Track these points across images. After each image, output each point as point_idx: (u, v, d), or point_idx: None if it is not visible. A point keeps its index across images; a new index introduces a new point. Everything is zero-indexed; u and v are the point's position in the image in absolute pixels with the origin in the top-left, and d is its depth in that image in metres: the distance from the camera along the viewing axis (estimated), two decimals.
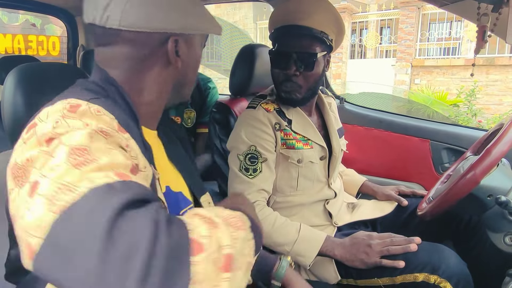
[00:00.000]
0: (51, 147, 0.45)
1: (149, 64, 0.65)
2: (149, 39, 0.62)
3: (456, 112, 6.46)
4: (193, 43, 0.69)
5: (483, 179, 0.95)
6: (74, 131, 0.46)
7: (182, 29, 0.64)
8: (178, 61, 0.66)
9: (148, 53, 0.64)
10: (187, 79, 0.73)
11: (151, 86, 0.66)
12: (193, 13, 0.66)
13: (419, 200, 1.26)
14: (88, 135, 0.46)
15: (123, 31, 0.61)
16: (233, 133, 1.21)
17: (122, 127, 0.53)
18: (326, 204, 1.25)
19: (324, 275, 1.12)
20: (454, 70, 8.36)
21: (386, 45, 9.76)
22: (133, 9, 0.59)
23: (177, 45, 0.65)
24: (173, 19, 0.62)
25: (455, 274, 0.96)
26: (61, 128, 0.47)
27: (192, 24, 0.65)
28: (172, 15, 0.62)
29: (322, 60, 1.16)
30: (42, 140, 0.46)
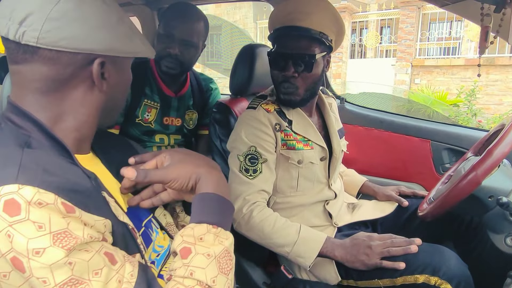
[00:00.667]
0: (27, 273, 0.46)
1: (71, 86, 0.59)
2: (72, 59, 0.57)
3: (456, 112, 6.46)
4: (122, 65, 0.65)
5: (484, 180, 0.95)
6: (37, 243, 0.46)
7: (110, 50, 0.59)
8: (103, 84, 0.62)
9: (70, 74, 0.58)
10: (117, 103, 0.69)
11: (75, 110, 0.61)
12: (122, 34, 0.61)
13: (419, 201, 1.26)
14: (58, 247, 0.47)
15: (42, 49, 0.55)
16: (233, 134, 1.21)
17: (66, 200, 0.49)
18: (326, 204, 1.25)
19: (324, 276, 1.11)
20: (454, 70, 8.37)
21: (386, 44, 9.76)
22: (54, 27, 0.54)
23: (103, 67, 0.60)
24: (100, 40, 0.58)
25: (456, 275, 0.95)
26: (19, 244, 0.45)
27: (121, 46, 0.61)
28: (99, 35, 0.57)
29: (321, 61, 1.15)
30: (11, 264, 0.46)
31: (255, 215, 1.09)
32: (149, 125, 1.53)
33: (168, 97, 1.54)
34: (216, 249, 0.58)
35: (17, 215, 0.46)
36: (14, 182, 0.47)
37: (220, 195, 0.64)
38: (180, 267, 0.56)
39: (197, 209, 0.63)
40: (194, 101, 1.63)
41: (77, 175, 0.56)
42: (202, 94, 1.66)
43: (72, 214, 0.49)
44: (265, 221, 1.09)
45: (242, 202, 1.11)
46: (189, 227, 0.60)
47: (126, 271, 0.53)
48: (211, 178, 0.66)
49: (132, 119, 1.49)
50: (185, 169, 0.66)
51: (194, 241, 0.58)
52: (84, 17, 0.56)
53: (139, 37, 0.66)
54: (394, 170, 1.77)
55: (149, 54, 0.68)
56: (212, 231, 0.60)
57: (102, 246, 0.52)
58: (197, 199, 0.64)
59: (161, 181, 0.66)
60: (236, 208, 1.12)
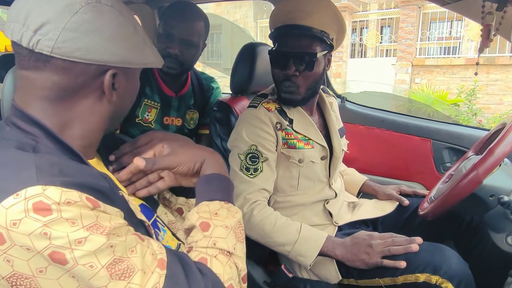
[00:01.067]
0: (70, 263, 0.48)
1: (80, 95, 0.59)
2: (84, 70, 0.57)
3: (456, 112, 6.46)
4: (132, 76, 0.65)
5: (486, 179, 0.94)
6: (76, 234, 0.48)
7: (123, 62, 0.60)
8: (113, 95, 0.61)
9: (80, 84, 0.58)
10: (123, 111, 0.69)
11: (82, 119, 0.61)
12: (136, 45, 0.62)
13: (420, 200, 1.26)
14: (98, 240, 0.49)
15: (55, 59, 0.55)
16: (234, 132, 1.21)
17: (89, 195, 0.51)
18: (326, 204, 1.25)
19: (325, 275, 1.11)
20: (455, 69, 8.37)
21: (387, 44, 9.76)
22: (70, 37, 0.54)
23: (114, 78, 0.60)
24: (114, 52, 0.58)
25: (456, 274, 0.95)
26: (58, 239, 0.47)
27: (133, 57, 0.61)
28: (114, 47, 0.58)
29: (322, 60, 1.15)
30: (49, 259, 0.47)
31: (256, 214, 1.09)
32: (149, 125, 1.52)
33: (168, 97, 1.53)
34: (231, 221, 0.65)
35: (50, 215, 0.47)
36: (36, 183, 0.47)
37: (224, 175, 0.70)
38: (201, 239, 0.63)
39: (206, 188, 0.68)
40: (195, 100, 1.62)
41: (92, 175, 0.56)
42: (203, 93, 1.65)
43: (98, 208, 0.51)
44: (265, 220, 1.09)
45: (243, 201, 1.11)
46: (204, 204, 0.65)
47: (154, 245, 0.57)
48: (215, 159, 0.71)
49: (132, 119, 1.48)
50: (190, 153, 0.70)
51: (210, 216, 0.64)
52: (101, 28, 0.56)
53: (150, 47, 0.66)
54: (395, 169, 1.76)
55: (158, 64, 0.68)
56: (225, 206, 0.66)
57: (128, 230, 0.55)
58: (204, 180, 0.68)
59: (169, 167, 0.69)
60: (237, 206, 1.11)
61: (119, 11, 0.59)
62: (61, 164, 0.52)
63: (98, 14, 0.56)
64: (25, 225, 0.46)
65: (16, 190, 0.47)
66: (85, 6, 0.55)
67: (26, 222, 0.46)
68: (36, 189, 0.47)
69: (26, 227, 0.46)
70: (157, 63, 0.68)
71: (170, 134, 0.77)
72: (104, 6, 0.57)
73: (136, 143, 0.74)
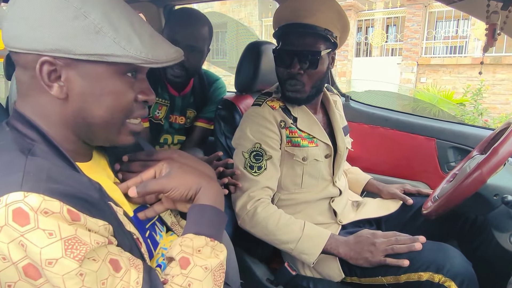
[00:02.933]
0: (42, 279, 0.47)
1: (36, 90, 0.57)
2: (25, 60, 0.55)
3: (462, 111, 6.41)
4: (88, 71, 0.56)
5: (490, 178, 0.94)
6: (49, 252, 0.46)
7: (57, 51, 0.53)
8: (56, 88, 0.56)
9: (30, 77, 0.55)
10: (93, 117, 0.59)
11: (48, 118, 0.58)
12: (78, 33, 0.53)
13: (424, 199, 1.25)
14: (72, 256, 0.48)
15: (10, 51, 0.55)
16: (238, 130, 1.21)
17: (71, 206, 0.49)
18: (331, 202, 1.25)
19: (328, 272, 1.12)
20: (461, 68, 8.31)
21: (392, 43, 9.70)
22: (8, 27, 0.54)
23: (56, 70, 0.55)
24: (40, 38, 0.52)
25: (459, 273, 0.95)
26: (33, 254, 0.46)
27: (72, 46, 0.53)
28: (40, 33, 0.52)
29: (326, 58, 1.15)
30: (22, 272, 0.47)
31: (260, 212, 1.10)
32: (160, 122, 1.57)
33: (173, 96, 1.58)
34: (213, 262, 0.61)
35: (27, 224, 0.46)
36: (19, 189, 0.47)
37: (217, 208, 0.66)
38: (178, 275, 0.59)
39: (196, 219, 0.64)
40: (195, 99, 1.64)
41: (81, 183, 0.55)
42: (204, 92, 1.67)
43: (78, 222, 0.50)
44: (269, 217, 1.09)
45: (247, 199, 1.11)
46: (188, 237, 0.61)
47: (132, 278, 0.54)
48: (211, 189, 0.67)
49: None
50: (186, 179, 0.66)
51: (192, 252, 0.60)
52: (29, 15, 0.53)
53: (122, 38, 0.55)
54: (399, 168, 1.76)
55: (131, 59, 0.56)
56: (210, 244, 0.62)
57: (107, 253, 0.53)
58: (197, 209, 0.65)
59: (160, 191, 0.66)
60: (241, 204, 1.12)
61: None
62: (50, 170, 0.52)
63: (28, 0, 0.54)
64: (4, 233, 0.46)
65: (0, 195, 0.47)
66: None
67: (6, 231, 0.46)
68: (17, 195, 0.47)
69: (5, 235, 0.46)
70: (131, 58, 0.56)
71: (182, 153, 0.74)
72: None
73: (151, 155, 0.72)
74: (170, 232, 0.78)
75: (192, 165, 0.71)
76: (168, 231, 0.78)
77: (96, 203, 0.54)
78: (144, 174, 0.68)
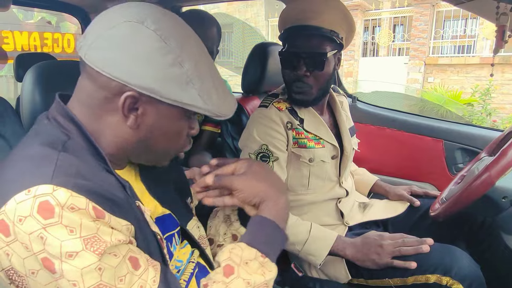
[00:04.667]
0: (58, 274, 0.48)
1: (107, 110, 0.59)
2: (106, 83, 0.56)
3: (470, 112, 6.36)
4: (163, 111, 0.59)
5: (498, 180, 0.93)
6: (69, 246, 0.47)
7: (145, 89, 0.56)
8: (132, 119, 0.59)
9: (104, 98, 0.58)
10: (155, 147, 0.64)
11: (107, 133, 0.61)
12: (171, 78, 0.56)
13: (431, 201, 1.25)
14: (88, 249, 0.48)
15: (87, 65, 0.57)
16: (245, 132, 1.22)
17: (96, 204, 0.50)
18: (338, 203, 1.25)
19: (334, 274, 1.12)
20: (469, 68, 8.23)
21: (399, 42, 9.65)
22: (100, 47, 0.56)
23: (137, 103, 0.57)
24: (135, 74, 0.55)
25: (467, 276, 0.95)
26: (52, 247, 0.47)
27: (162, 89, 0.56)
28: (138, 69, 0.55)
29: (332, 59, 1.15)
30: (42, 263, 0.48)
31: None
32: None
33: None
34: (257, 279, 0.59)
35: (51, 218, 0.47)
36: (50, 182, 0.48)
37: (278, 225, 0.65)
38: (219, 282, 0.58)
39: (254, 230, 0.64)
40: None
41: (109, 182, 0.56)
42: None
43: (102, 219, 0.51)
44: None
45: None
46: (240, 246, 0.61)
47: (149, 276, 0.54)
48: (277, 203, 0.66)
49: None
50: (255, 184, 0.67)
51: (240, 262, 0.59)
52: (129, 47, 0.55)
53: (198, 90, 0.59)
54: (406, 170, 1.75)
55: (207, 113, 0.60)
56: (260, 259, 0.60)
57: (128, 250, 0.53)
58: (257, 220, 0.65)
59: (228, 187, 0.67)
60: None
61: (161, 38, 0.56)
62: (80, 167, 0.53)
63: (133, 32, 0.56)
64: (27, 224, 0.47)
65: (30, 185, 0.48)
66: (124, 23, 0.56)
67: (29, 222, 0.47)
68: (47, 188, 0.48)
69: (28, 226, 0.47)
70: (206, 112, 0.60)
71: (262, 164, 0.75)
72: (144, 28, 0.56)
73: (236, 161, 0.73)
74: (184, 242, 0.77)
75: (267, 175, 0.70)
76: (183, 241, 0.78)
77: (121, 203, 0.55)
78: (225, 168, 0.70)
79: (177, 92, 0.57)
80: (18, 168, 0.52)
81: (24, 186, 0.48)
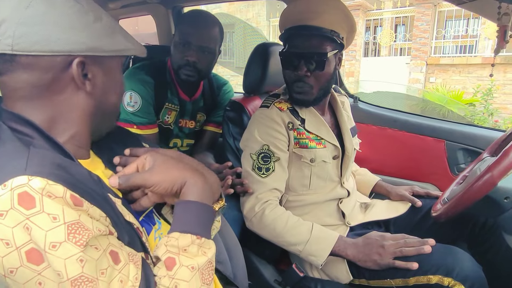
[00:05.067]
0: (44, 264, 0.48)
1: (56, 91, 0.58)
2: (50, 63, 0.56)
3: (472, 112, 6.34)
4: (108, 65, 0.63)
5: (500, 181, 0.93)
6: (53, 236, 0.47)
7: (88, 50, 0.58)
8: (88, 85, 0.60)
9: (51, 79, 0.57)
10: (108, 106, 0.66)
11: (64, 116, 0.60)
12: (101, 33, 0.59)
13: (433, 201, 1.24)
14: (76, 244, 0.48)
15: (18, 56, 0.54)
16: (246, 132, 1.22)
17: (74, 192, 0.50)
18: (340, 203, 1.25)
19: (336, 274, 1.12)
20: (471, 68, 8.21)
21: (401, 42, 9.63)
22: (26, 32, 0.53)
23: (85, 68, 0.58)
24: (75, 40, 0.56)
25: (469, 277, 0.94)
26: (37, 237, 0.47)
27: (100, 45, 0.59)
28: (74, 35, 0.56)
29: (333, 59, 1.15)
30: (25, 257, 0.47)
31: (268, 214, 1.10)
32: (169, 127, 1.57)
33: (184, 101, 1.57)
34: (200, 260, 0.60)
35: (33, 207, 0.47)
36: (23, 173, 0.48)
37: (204, 204, 0.64)
38: (164, 276, 0.58)
39: (181, 217, 0.62)
40: (205, 103, 1.65)
41: (81, 174, 0.56)
42: (213, 96, 1.68)
43: (80, 207, 0.50)
44: (277, 219, 1.10)
45: (255, 201, 1.12)
46: (173, 237, 0.60)
47: (131, 273, 0.54)
48: (196, 183, 0.64)
49: None
50: (169, 173, 0.64)
51: (178, 251, 0.59)
52: (55, 19, 0.55)
53: (123, 34, 0.64)
54: (408, 170, 1.75)
55: (137, 52, 0.65)
56: (196, 242, 0.60)
57: (109, 244, 0.53)
58: (181, 206, 0.63)
59: (144, 185, 0.64)
60: (249, 206, 1.13)
61: (74, 0, 0.58)
62: (53, 158, 0.53)
63: (50, 4, 0.55)
64: (11, 218, 0.46)
65: (5, 179, 0.48)
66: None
67: (12, 214, 0.46)
68: (22, 179, 0.47)
69: (11, 219, 0.46)
70: (135, 51, 0.65)
71: (165, 149, 0.72)
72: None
73: (137, 152, 0.70)
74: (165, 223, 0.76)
75: (176, 158, 0.69)
76: None
77: (94, 195, 0.55)
78: (127, 168, 0.67)
79: (111, 43, 0.61)
80: None
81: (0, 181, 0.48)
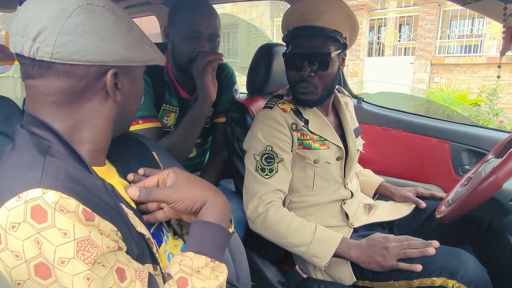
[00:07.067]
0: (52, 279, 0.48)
1: (85, 98, 0.60)
2: (85, 72, 0.58)
3: (477, 112, 6.30)
4: (134, 74, 0.65)
5: (505, 183, 0.93)
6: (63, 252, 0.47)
7: (122, 60, 0.60)
8: (117, 94, 0.62)
9: (84, 87, 0.59)
10: (130, 112, 0.69)
11: (89, 122, 0.61)
12: (133, 43, 0.62)
13: (437, 203, 1.24)
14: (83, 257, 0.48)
15: (56, 64, 0.56)
16: (249, 133, 1.22)
17: (86, 206, 0.51)
18: (343, 204, 1.24)
19: (339, 276, 1.11)
20: (476, 68, 8.16)
21: (405, 42, 9.59)
22: (66, 41, 0.55)
23: (116, 78, 0.61)
24: (111, 51, 0.58)
25: (474, 279, 0.94)
26: (47, 252, 0.47)
27: (132, 55, 0.61)
28: (111, 46, 0.58)
29: (336, 59, 1.15)
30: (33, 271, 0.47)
31: (271, 215, 1.10)
32: (169, 130, 1.48)
33: (185, 99, 1.49)
34: (212, 284, 0.60)
35: (44, 222, 0.47)
36: (38, 186, 0.48)
37: (221, 226, 0.65)
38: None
39: (198, 236, 0.63)
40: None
41: (95, 186, 0.56)
42: (220, 83, 1.50)
43: (91, 222, 0.51)
44: (280, 220, 1.10)
45: (258, 202, 1.12)
46: (188, 256, 0.60)
47: (137, 287, 0.54)
48: (217, 204, 0.66)
49: None
50: (191, 191, 0.65)
51: (191, 272, 0.59)
52: (95, 29, 0.57)
53: (149, 44, 0.66)
54: (412, 171, 1.74)
55: (159, 61, 0.68)
56: (210, 265, 0.61)
57: (116, 261, 0.53)
58: (199, 226, 0.64)
59: (165, 201, 0.65)
60: (252, 207, 1.12)
61: (111, 11, 0.60)
62: (68, 170, 0.53)
63: (91, 15, 0.57)
64: (22, 230, 0.47)
65: (20, 191, 0.48)
66: (77, 9, 0.56)
67: (23, 227, 0.47)
68: (36, 192, 0.48)
69: (22, 232, 0.47)
70: (159, 60, 0.67)
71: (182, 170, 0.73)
72: (96, 7, 0.58)
73: (151, 172, 0.71)
74: (176, 236, 0.77)
75: (196, 180, 0.69)
76: (175, 234, 0.78)
77: (107, 208, 0.55)
78: (147, 181, 0.68)
79: (141, 53, 0.64)
80: (7, 176, 0.52)
81: (14, 193, 0.48)
